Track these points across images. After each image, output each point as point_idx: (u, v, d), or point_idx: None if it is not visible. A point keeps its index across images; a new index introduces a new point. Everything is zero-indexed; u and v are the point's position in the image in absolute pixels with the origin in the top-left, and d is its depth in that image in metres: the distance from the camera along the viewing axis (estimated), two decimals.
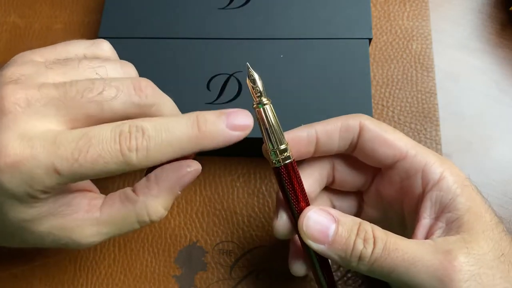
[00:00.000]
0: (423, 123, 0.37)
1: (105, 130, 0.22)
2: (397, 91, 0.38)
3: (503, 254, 0.24)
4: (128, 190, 0.26)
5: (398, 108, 0.37)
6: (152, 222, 0.26)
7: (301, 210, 0.26)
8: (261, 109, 0.26)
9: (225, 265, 0.34)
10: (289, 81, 0.34)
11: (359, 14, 0.35)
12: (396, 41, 0.40)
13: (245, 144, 0.34)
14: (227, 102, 0.34)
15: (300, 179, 0.26)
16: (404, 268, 0.23)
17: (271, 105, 0.26)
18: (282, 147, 0.26)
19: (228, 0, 0.37)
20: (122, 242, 0.34)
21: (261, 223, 0.35)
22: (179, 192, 0.26)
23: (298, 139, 0.27)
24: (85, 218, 0.25)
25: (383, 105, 0.38)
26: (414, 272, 0.23)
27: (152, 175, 0.26)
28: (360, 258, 0.24)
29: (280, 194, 0.27)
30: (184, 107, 0.33)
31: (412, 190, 0.26)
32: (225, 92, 0.34)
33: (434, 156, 0.26)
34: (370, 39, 0.35)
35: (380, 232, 0.24)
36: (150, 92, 0.25)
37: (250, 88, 0.26)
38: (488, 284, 0.23)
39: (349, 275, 0.33)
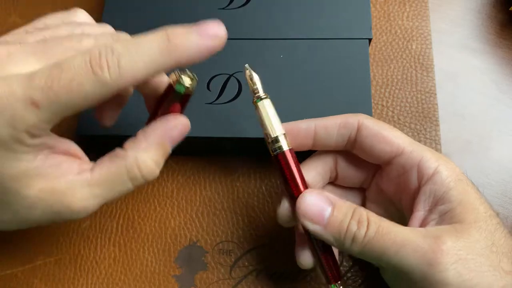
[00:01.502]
0: (423, 123, 0.37)
1: (76, 57, 0.22)
2: (397, 91, 0.38)
3: (493, 244, 0.24)
4: (117, 149, 0.26)
5: (398, 108, 0.37)
6: (144, 179, 0.25)
7: (299, 194, 0.27)
8: (260, 103, 0.28)
9: (225, 265, 0.34)
10: (289, 81, 0.34)
11: (359, 14, 0.35)
12: (396, 41, 0.40)
13: (245, 144, 0.34)
14: (227, 102, 0.34)
15: (299, 167, 0.28)
16: (394, 250, 0.24)
17: (269, 99, 0.28)
18: (280, 137, 0.28)
19: (228, 0, 0.37)
20: (122, 242, 0.34)
21: (261, 223, 0.35)
22: (169, 149, 0.26)
23: (297, 130, 0.29)
24: (76, 180, 0.25)
25: (383, 105, 0.38)
26: (403, 255, 0.24)
27: (140, 131, 0.26)
28: (354, 239, 0.25)
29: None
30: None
31: (409, 184, 0.27)
32: (225, 92, 0.34)
33: (429, 152, 0.27)
34: (370, 39, 0.35)
35: (374, 216, 0.26)
36: None
37: (249, 85, 0.29)
38: (475, 269, 0.23)
39: (349, 275, 0.33)
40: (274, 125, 0.28)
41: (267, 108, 0.28)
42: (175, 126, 0.26)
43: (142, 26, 0.36)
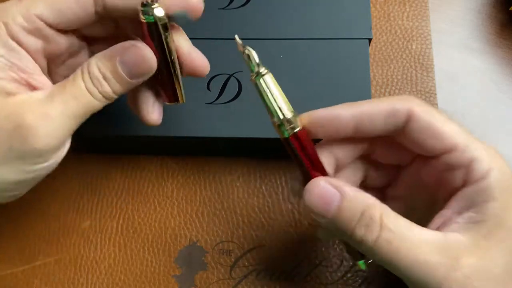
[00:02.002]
0: None
1: None
2: (397, 91, 0.38)
3: (504, 272, 0.23)
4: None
5: None
6: (94, 85, 0.26)
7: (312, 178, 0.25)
8: (260, 80, 0.24)
9: (225, 265, 0.34)
10: (289, 81, 0.34)
11: (359, 14, 0.35)
12: (396, 41, 0.40)
13: (245, 144, 0.34)
14: (227, 102, 0.34)
15: (313, 146, 0.25)
16: (405, 265, 0.22)
17: (271, 75, 0.25)
18: (289, 116, 0.24)
19: (228, 0, 0.37)
20: (122, 242, 0.34)
21: (261, 223, 0.35)
22: (119, 69, 0.26)
23: (337, 118, 0.25)
24: (32, 96, 0.25)
25: None
26: (414, 271, 0.22)
27: None
28: (361, 242, 0.23)
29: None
30: (184, 107, 0.33)
31: (451, 182, 0.25)
32: (225, 92, 0.34)
33: (484, 151, 0.24)
34: (370, 39, 0.35)
35: (389, 219, 0.23)
36: None
37: (245, 60, 0.25)
38: None
39: (349, 275, 0.33)
40: (282, 105, 0.24)
41: (271, 86, 0.24)
42: (127, 48, 0.26)
43: None
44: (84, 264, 0.34)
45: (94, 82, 0.26)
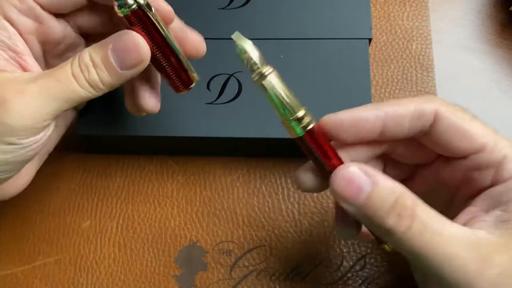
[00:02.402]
0: None
1: None
2: (397, 91, 0.38)
3: None
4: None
5: None
6: (83, 74, 0.25)
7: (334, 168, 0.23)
8: (265, 81, 0.23)
9: (225, 265, 0.34)
10: (289, 81, 0.34)
11: (359, 14, 0.35)
12: (396, 41, 0.40)
13: (245, 144, 0.34)
14: (227, 102, 0.34)
15: (328, 140, 0.24)
16: (438, 261, 0.22)
17: (276, 72, 0.23)
18: (301, 113, 0.23)
19: (228, 0, 0.37)
20: (122, 242, 0.34)
21: (261, 223, 0.35)
22: (109, 55, 0.25)
23: (362, 122, 0.24)
24: (18, 76, 0.25)
25: None
26: (446, 268, 0.22)
27: None
28: (391, 232, 0.22)
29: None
30: (184, 107, 0.33)
31: (480, 182, 0.24)
32: (225, 92, 0.34)
33: None
34: (370, 39, 0.35)
35: (422, 210, 0.22)
36: None
37: (244, 61, 0.23)
38: None
39: (349, 275, 0.33)
40: (292, 103, 0.23)
41: (276, 85, 0.23)
42: (120, 35, 0.26)
43: None
44: (84, 264, 0.34)
45: (82, 68, 0.25)
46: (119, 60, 0.25)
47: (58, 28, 0.28)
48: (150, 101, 0.29)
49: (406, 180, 0.28)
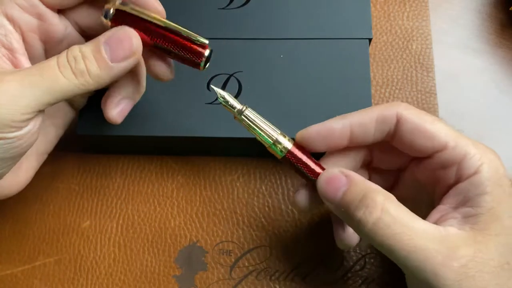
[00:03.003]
0: None
1: None
2: (397, 91, 0.38)
3: (508, 262, 0.23)
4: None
5: None
6: (73, 67, 0.25)
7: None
8: (242, 117, 0.27)
9: (225, 265, 0.34)
10: (289, 81, 0.34)
11: (359, 14, 0.35)
12: (396, 41, 0.40)
13: (245, 144, 0.34)
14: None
15: (309, 155, 0.27)
16: (404, 254, 0.23)
17: (249, 109, 0.27)
18: (279, 137, 0.27)
19: (228, 0, 0.37)
20: (122, 242, 0.34)
21: (261, 223, 0.35)
22: (102, 48, 0.26)
23: (331, 132, 0.27)
24: (8, 69, 0.24)
25: None
26: (413, 259, 0.23)
27: None
28: (360, 223, 0.24)
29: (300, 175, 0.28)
30: (184, 107, 0.33)
31: (446, 179, 0.26)
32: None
33: (474, 147, 0.25)
34: (370, 39, 0.35)
35: (391, 205, 0.24)
36: None
37: (224, 105, 0.28)
38: (479, 286, 0.23)
39: (349, 275, 0.33)
40: (268, 130, 0.27)
41: (252, 118, 0.27)
42: (114, 30, 0.26)
43: None
44: (84, 264, 0.34)
45: (69, 59, 0.25)
46: (111, 51, 0.26)
47: (59, 25, 0.28)
48: (112, 111, 0.29)
49: (391, 188, 0.30)
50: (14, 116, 0.24)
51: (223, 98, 0.27)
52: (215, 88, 0.28)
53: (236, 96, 0.34)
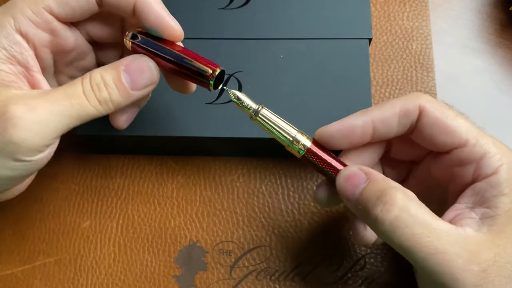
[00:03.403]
0: None
1: None
2: (397, 91, 0.38)
3: None
4: None
5: None
6: (94, 94, 0.26)
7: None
8: (259, 117, 0.27)
9: (225, 265, 0.34)
10: (289, 81, 0.34)
11: (359, 14, 0.35)
12: (396, 41, 0.40)
13: (245, 144, 0.34)
14: (227, 102, 0.34)
15: (328, 152, 0.27)
16: (424, 253, 0.22)
17: (265, 108, 0.27)
18: (296, 136, 0.27)
19: (228, 0, 0.37)
20: (122, 242, 0.34)
21: (261, 223, 0.35)
22: (121, 75, 0.26)
23: (352, 130, 0.26)
24: (26, 92, 0.25)
25: None
26: (431, 259, 0.22)
27: None
28: (377, 221, 0.23)
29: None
30: (184, 107, 0.33)
31: (462, 177, 0.25)
32: (225, 92, 0.34)
33: (494, 147, 0.25)
34: (370, 39, 0.35)
35: (410, 204, 0.23)
36: None
37: (239, 106, 0.27)
38: None
39: (349, 275, 0.33)
40: (286, 129, 0.27)
41: (269, 117, 0.27)
42: (133, 58, 0.27)
43: None
44: (84, 264, 0.34)
45: (93, 86, 0.26)
46: (131, 80, 0.26)
47: (71, 38, 0.28)
48: (120, 118, 0.30)
49: (403, 181, 0.30)
50: (40, 142, 0.24)
51: (237, 98, 0.27)
52: (228, 89, 0.27)
53: None
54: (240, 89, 0.34)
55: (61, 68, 0.29)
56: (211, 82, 0.27)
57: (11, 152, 0.24)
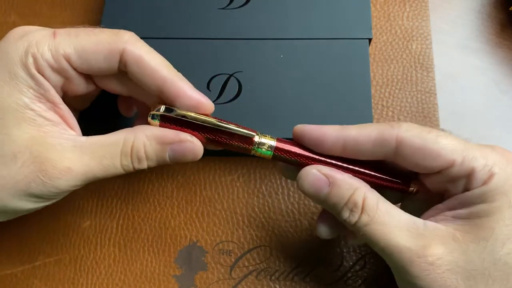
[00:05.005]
0: (423, 123, 0.37)
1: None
2: (397, 91, 0.38)
3: (489, 270, 0.23)
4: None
5: (398, 108, 0.37)
6: (132, 161, 0.27)
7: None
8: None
9: (225, 265, 0.34)
10: (289, 81, 0.34)
11: (359, 14, 0.35)
12: (396, 41, 0.40)
13: None
14: (227, 102, 0.34)
15: (295, 146, 0.27)
16: (381, 246, 0.25)
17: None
18: (259, 140, 0.27)
19: (228, 0, 0.37)
20: (122, 242, 0.34)
21: (261, 223, 0.35)
22: (165, 154, 0.27)
23: (323, 137, 0.27)
24: (69, 139, 0.26)
25: (383, 105, 0.38)
26: (387, 253, 0.24)
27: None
28: (346, 224, 0.26)
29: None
30: None
31: (454, 190, 0.26)
32: (225, 92, 0.34)
33: (483, 159, 0.24)
34: (370, 39, 0.35)
35: (371, 201, 0.25)
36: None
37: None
38: (448, 285, 0.23)
39: (349, 275, 0.33)
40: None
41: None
42: (183, 140, 0.27)
43: (142, 26, 0.36)
44: (84, 264, 0.34)
45: (133, 159, 0.27)
46: (174, 157, 0.27)
47: (83, 85, 0.28)
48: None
49: None
50: (67, 190, 0.27)
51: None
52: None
53: (236, 96, 0.34)
54: (240, 89, 0.34)
55: (65, 98, 0.30)
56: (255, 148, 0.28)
57: (40, 195, 0.26)
